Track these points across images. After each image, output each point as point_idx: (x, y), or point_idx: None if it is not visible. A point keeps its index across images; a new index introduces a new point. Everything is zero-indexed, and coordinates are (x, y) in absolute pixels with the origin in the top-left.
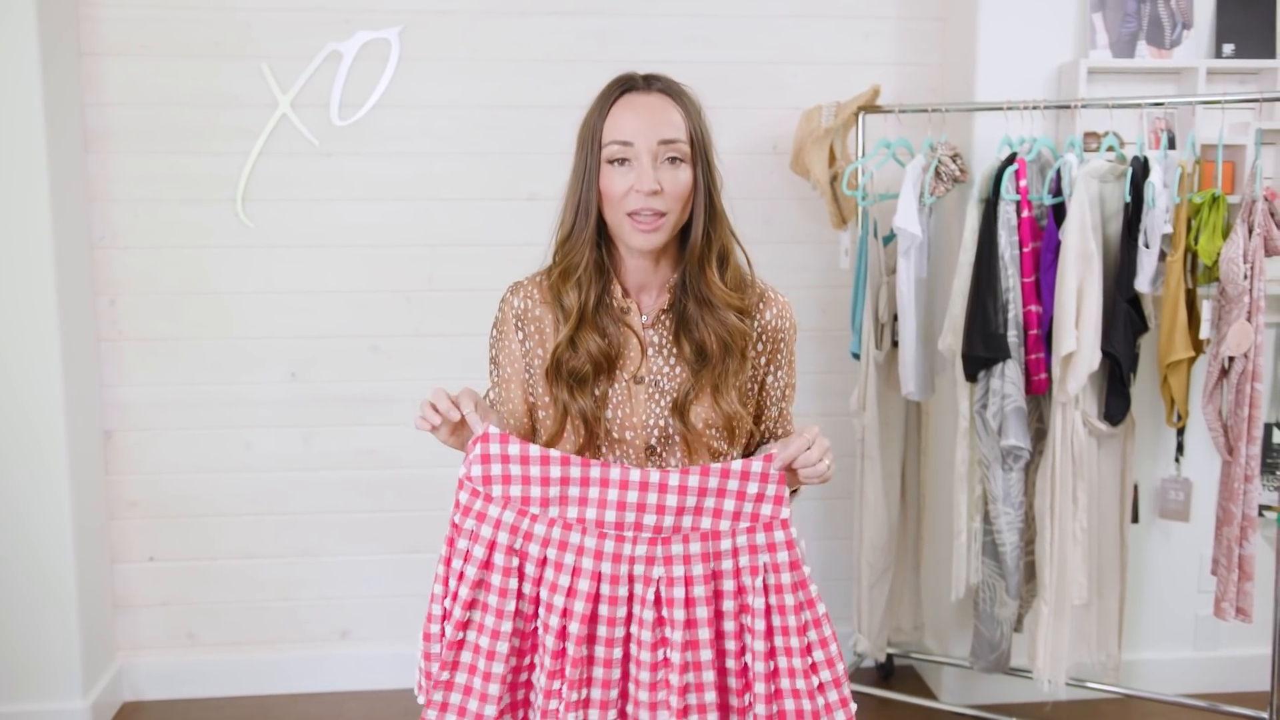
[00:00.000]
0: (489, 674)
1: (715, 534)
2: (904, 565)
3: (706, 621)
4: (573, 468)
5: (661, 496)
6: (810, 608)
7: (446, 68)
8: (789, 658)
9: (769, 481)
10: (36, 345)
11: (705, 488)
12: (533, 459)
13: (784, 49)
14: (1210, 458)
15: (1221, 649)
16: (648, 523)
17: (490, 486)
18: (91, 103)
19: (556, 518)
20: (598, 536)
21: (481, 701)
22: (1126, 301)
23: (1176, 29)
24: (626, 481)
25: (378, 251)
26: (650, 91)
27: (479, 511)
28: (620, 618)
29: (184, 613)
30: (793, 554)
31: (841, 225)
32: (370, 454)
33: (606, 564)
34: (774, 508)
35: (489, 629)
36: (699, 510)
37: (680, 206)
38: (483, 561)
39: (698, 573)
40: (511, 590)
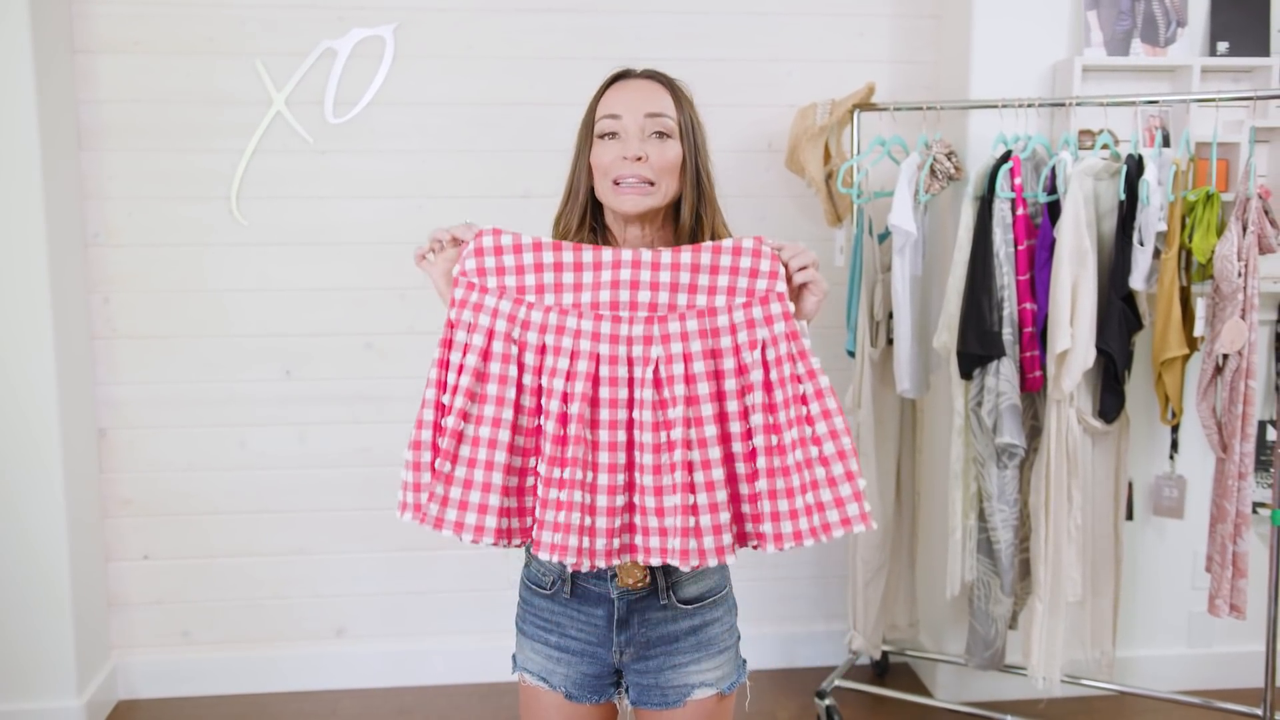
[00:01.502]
0: (491, 463)
1: (712, 310)
2: (899, 563)
3: (709, 398)
4: (565, 252)
5: (654, 274)
6: (811, 378)
7: (441, 65)
8: (790, 430)
9: (761, 256)
10: (30, 343)
11: (698, 264)
12: (525, 247)
13: (779, 46)
14: (1204, 455)
15: (1215, 646)
16: (642, 300)
17: (485, 278)
18: (85, 100)
19: (553, 304)
20: (594, 318)
21: (485, 492)
22: (1121, 299)
23: (1171, 27)
24: (619, 261)
25: (372, 249)
26: (642, 77)
27: (475, 303)
28: (621, 399)
29: (178, 611)
30: (789, 325)
31: (836, 223)
32: (365, 452)
33: (604, 345)
34: (769, 282)
35: (489, 418)
36: (694, 287)
37: (667, 178)
38: (483, 350)
39: (696, 349)
40: (512, 378)
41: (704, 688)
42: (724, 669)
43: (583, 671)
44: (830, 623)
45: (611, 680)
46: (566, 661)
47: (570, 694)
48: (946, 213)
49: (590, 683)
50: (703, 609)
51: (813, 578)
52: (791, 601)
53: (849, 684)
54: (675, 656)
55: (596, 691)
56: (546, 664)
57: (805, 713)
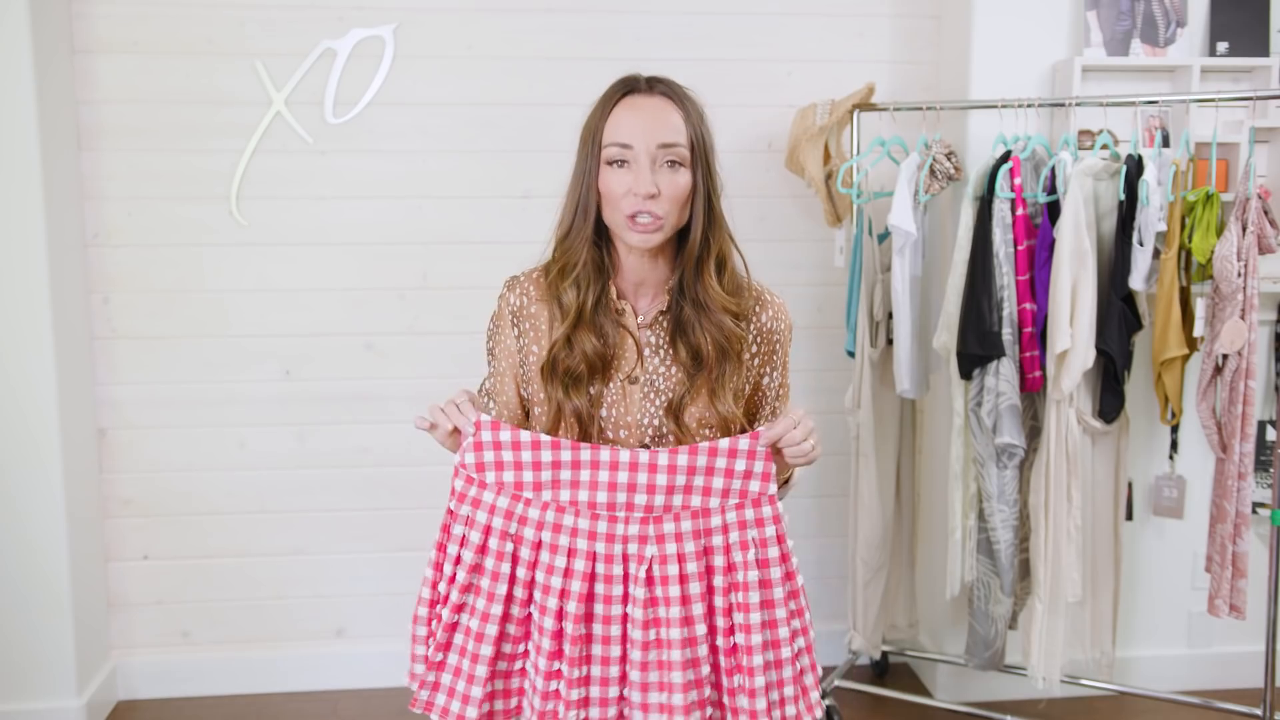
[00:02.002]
0: (477, 656)
1: (705, 511)
2: (899, 563)
3: (699, 597)
4: (563, 451)
5: (651, 476)
6: (791, 580)
7: (441, 65)
8: (774, 629)
9: (756, 458)
10: (30, 344)
11: (694, 466)
12: (523, 444)
13: (778, 47)
14: (1204, 455)
15: (1215, 646)
16: (639, 502)
17: (484, 473)
18: (85, 100)
19: (550, 501)
20: (591, 518)
21: (469, 683)
22: (1121, 299)
23: (1170, 27)
24: (616, 462)
25: (372, 249)
26: (652, 94)
27: (474, 498)
28: (617, 596)
29: (178, 611)
30: (779, 528)
31: (836, 223)
32: (365, 452)
33: (600, 544)
34: (761, 484)
35: (479, 612)
36: (689, 489)
37: (677, 209)
38: (478, 546)
39: (689, 549)
40: (504, 575)
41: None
42: None
43: None
44: (830, 623)
45: None
46: None
47: None
48: (946, 213)
49: None
50: None
51: (812, 578)
52: None
53: (849, 684)
54: None
55: None
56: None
57: None
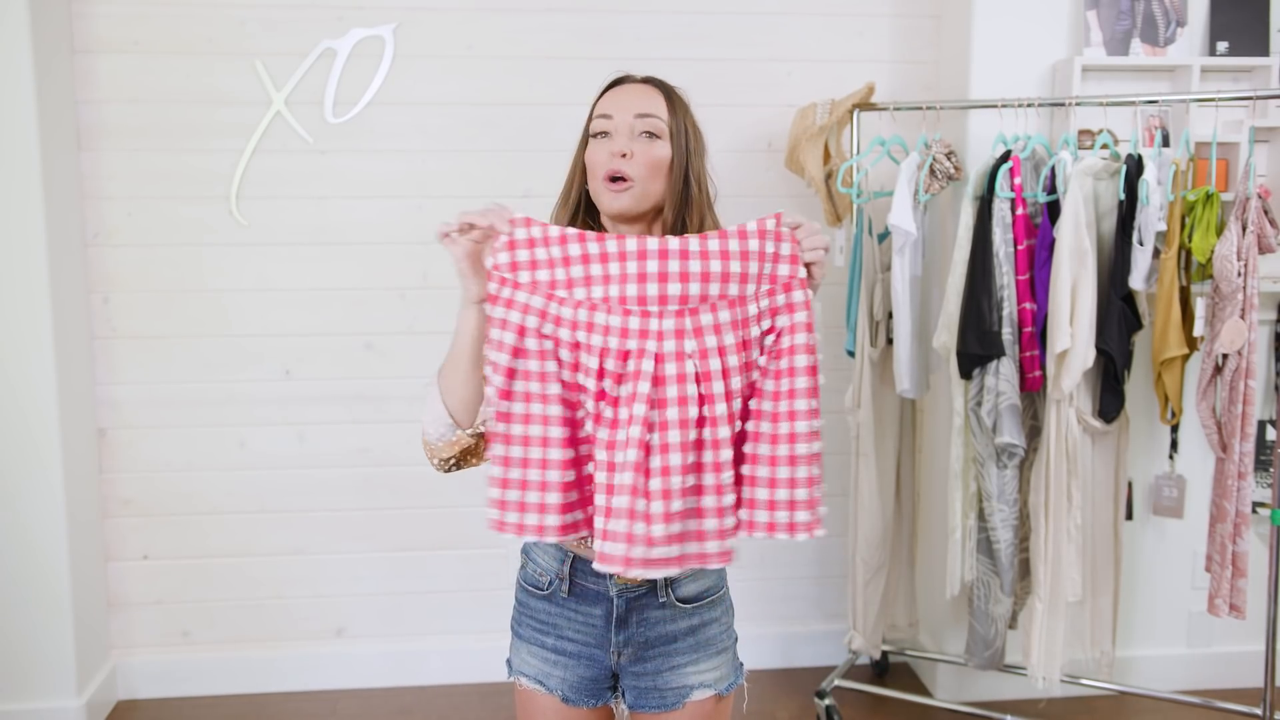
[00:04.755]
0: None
1: (742, 299)
2: (899, 562)
3: (740, 391)
4: (590, 244)
5: (684, 263)
6: (813, 375)
7: (441, 65)
8: (792, 421)
9: (782, 239)
10: (30, 343)
11: (727, 250)
12: (553, 239)
13: (778, 46)
14: (1204, 455)
15: (1215, 645)
16: (673, 293)
17: (517, 273)
18: (85, 100)
19: (583, 299)
20: (623, 314)
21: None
22: (1121, 299)
23: (1170, 27)
24: (645, 251)
25: (372, 249)
26: (639, 82)
27: (507, 299)
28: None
29: (178, 611)
30: (809, 315)
31: (836, 223)
32: (365, 452)
33: (633, 341)
34: (790, 266)
35: (537, 416)
36: (725, 276)
37: (649, 175)
38: (514, 348)
39: (730, 342)
40: (551, 374)
41: (702, 689)
42: (722, 670)
43: (580, 674)
44: (830, 622)
45: (608, 684)
46: (563, 664)
47: (567, 697)
48: (946, 213)
49: (587, 686)
50: (701, 608)
51: (812, 577)
52: (791, 601)
53: (849, 684)
54: (673, 657)
55: (594, 695)
56: (543, 667)
57: (805, 712)
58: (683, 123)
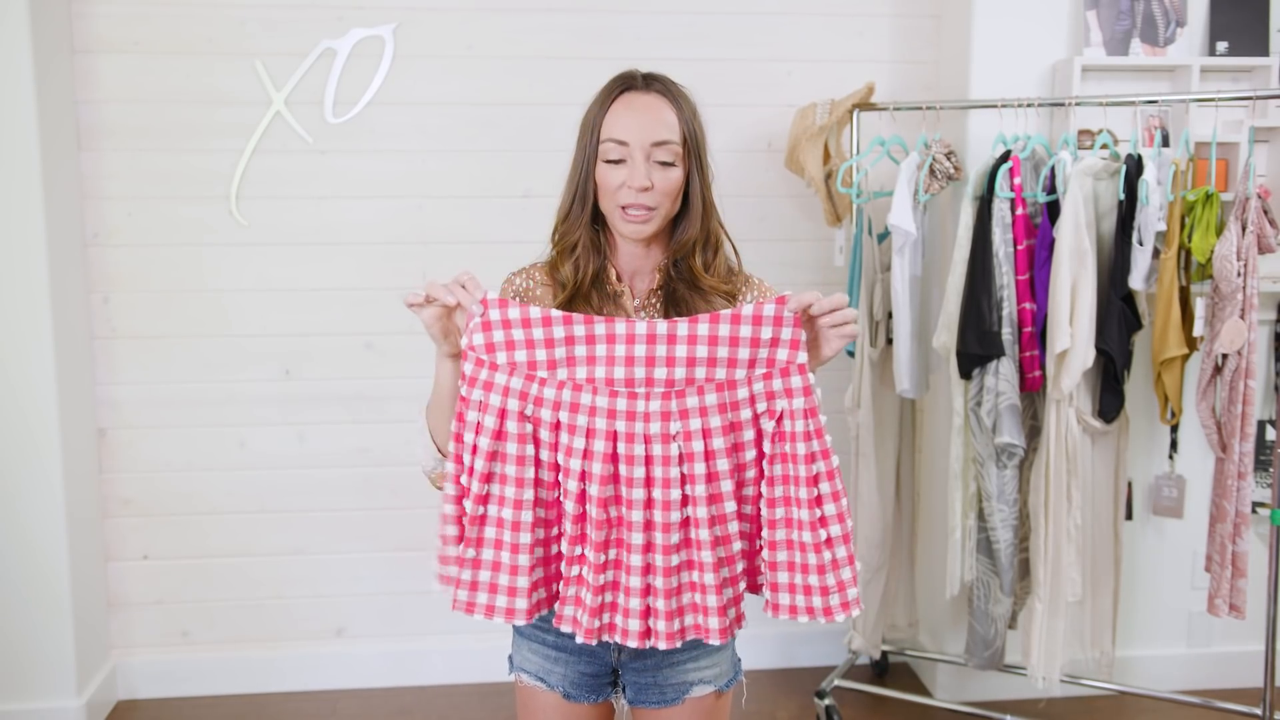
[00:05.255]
0: (516, 545)
1: (731, 383)
2: (898, 562)
3: (728, 473)
4: (576, 326)
5: (671, 348)
6: (825, 458)
7: (440, 65)
8: (799, 509)
9: (783, 325)
10: (30, 343)
11: (716, 335)
12: (534, 321)
13: (778, 46)
14: (1204, 455)
15: (1215, 645)
16: (659, 376)
17: (494, 354)
18: (85, 100)
19: (566, 379)
20: (609, 395)
21: (512, 575)
22: (1120, 299)
23: (1170, 27)
24: (633, 335)
25: (372, 249)
26: (648, 91)
27: (485, 381)
28: (638, 478)
29: (178, 611)
30: (809, 401)
31: (836, 223)
32: (365, 452)
33: (621, 422)
34: (790, 352)
35: (510, 500)
36: (712, 361)
37: (669, 201)
38: (495, 432)
39: (715, 424)
40: (529, 457)
41: (702, 685)
42: (721, 666)
43: (580, 671)
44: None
45: (609, 680)
46: (564, 661)
47: (568, 694)
48: (946, 213)
49: (588, 682)
50: None
51: None
52: None
53: (848, 684)
54: (673, 654)
55: (594, 691)
56: (544, 664)
57: (805, 712)
58: (693, 130)
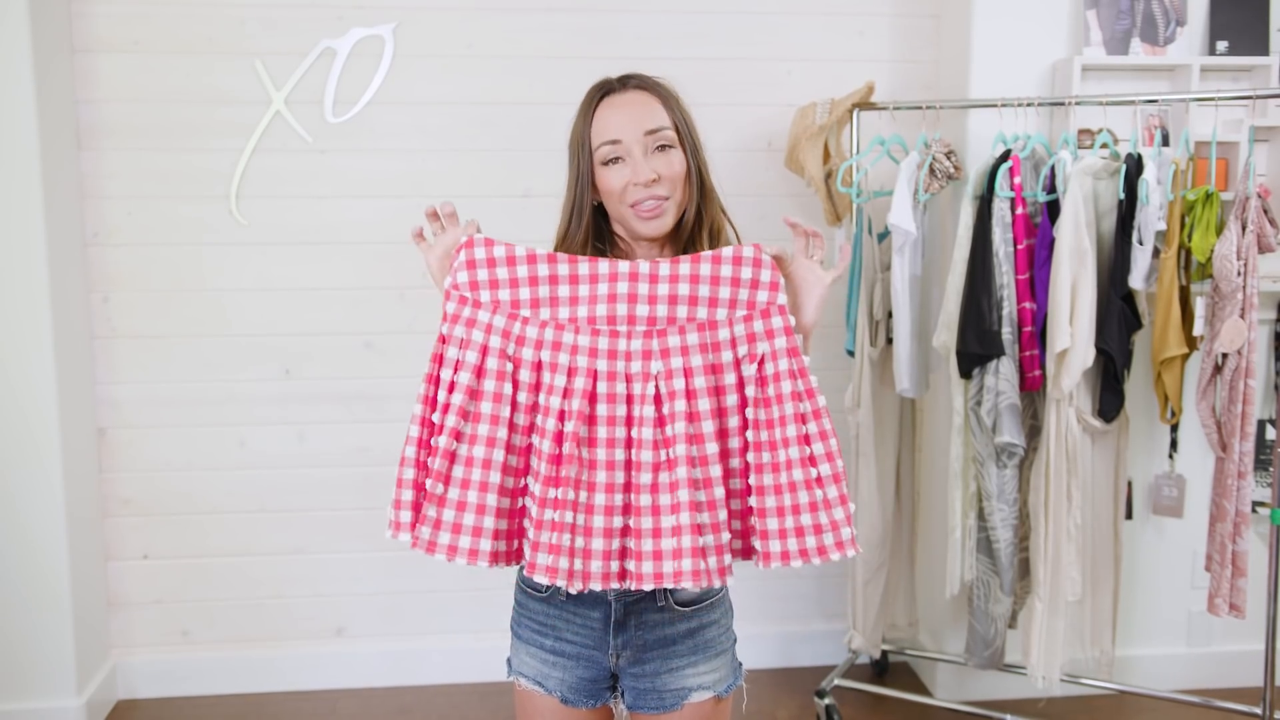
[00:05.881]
0: (485, 483)
1: (712, 324)
2: (898, 562)
3: (710, 414)
4: (560, 265)
5: (653, 286)
6: (810, 398)
7: (440, 64)
8: (786, 449)
9: (762, 266)
10: (30, 343)
11: (697, 274)
12: (519, 259)
13: (778, 45)
14: (1204, 454)
15: (1215, 645)
16: (640, 314)
17: (478, 292)
18: (84, 99)
19: (548, 319)
20: (591, 334)
21: (479, 514)
22: (1120, 298)
23: (1170, 26)
24: (615, 273)
25: (372, 248)
26: (627, 90)
27: (468, 318)
28: (620, 417)
29: (178, 610)
30: (790, 341)
31: (836, 222)
32: (365, 451)
33: (602, 361)
34: (769, 293)
35: (484, 438)
36: (693, 299)
37: (679, 188)
38: (476, 367)
39: (697, 364)
40: (506, 396)
41: (701, 690)
42: (721, 671)
43: (579, 675)
44: (830, 622)
45: (608, 684)
46: (562, 665)
47: (566, 698)
48: (946, 212)
49: (586, 687)
50: (700, 611)
51: (812, 577)
52: (791, 601)
53: (848, 683)
54: (672, 659)
55: (593, 695)
56: (542, 668)
57: (805, 712)
58: (682, 118)
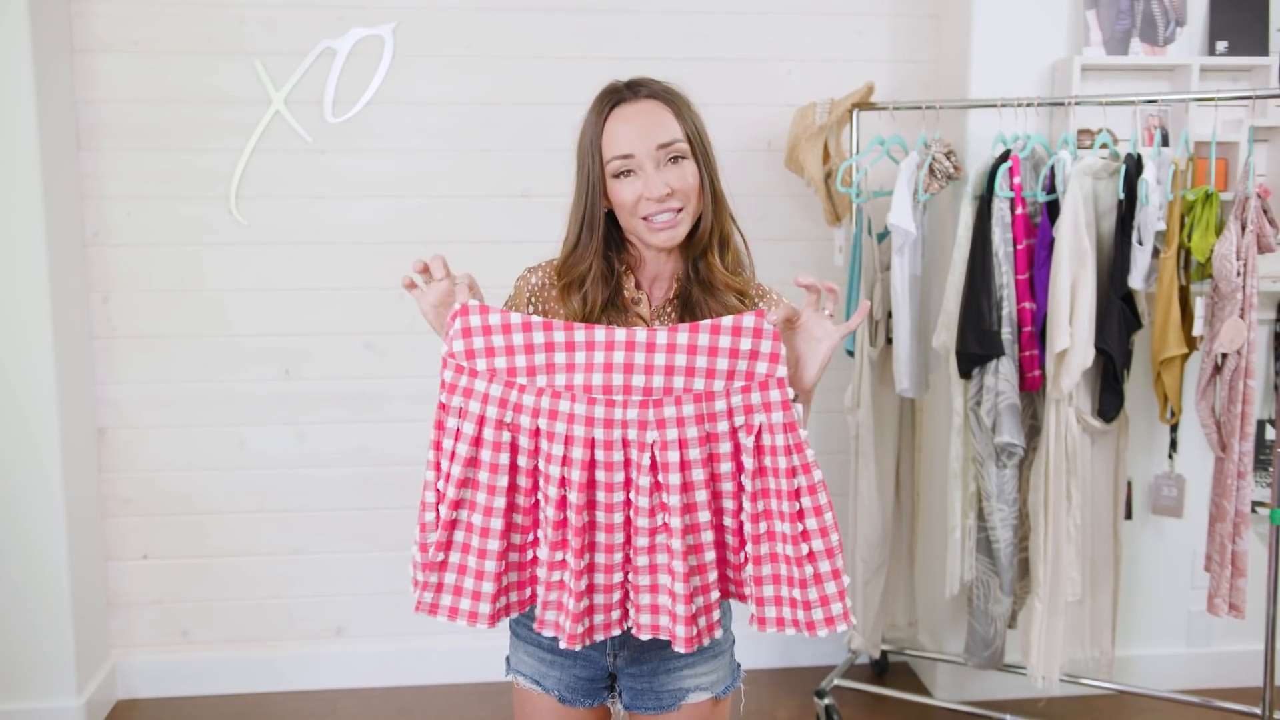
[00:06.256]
0: (484, 551)
1: (709, 395)
2: (898, 562)
3: (704, 483)
4: (556, 332)
5: (650, 356)
6: (806, 473)
7: (440, 64)
8: (781, 521)
9: (763, 337)
10: (30, 343)
11: (695, 345)
12: (514, 327)
13: (778, 46)
14: (1203, 454)
15: (1214, 645)
16: (637, 384)
17: (474, 361)
18: (84, 100)
19: (545, 386)
20: (588, 402)
21: (478, 579)
22: (1120, 298)
23: (1170, 26)
24: (613, 343)
25: (371, 248)
26: (639, 99)
27: (465, 387)
28: (618, 483)
29: (178, 610)
30: (788, 415)
31: (836, 222)
32: (364, 451)
33: (599, 429)
34: (769, 365)
35: (482, 506)
36: (690, 370)
37: (694, 200)
38: (473, 438)
39: (692, 435)
40: (503, 465)
41: (699, 692)
42: (719, 673)
43: (576, 675)
44: None
45: (605, 684)
46: (560, 665)
47: (564, 698)
48: (946, 212)
49: (584, 686)
50: None
51: None
52: None
53: (848, 683)
54: (670, 660)
55: (590, 695)
56: (540, 667)
57: (804, 712)
58: (694, 126)
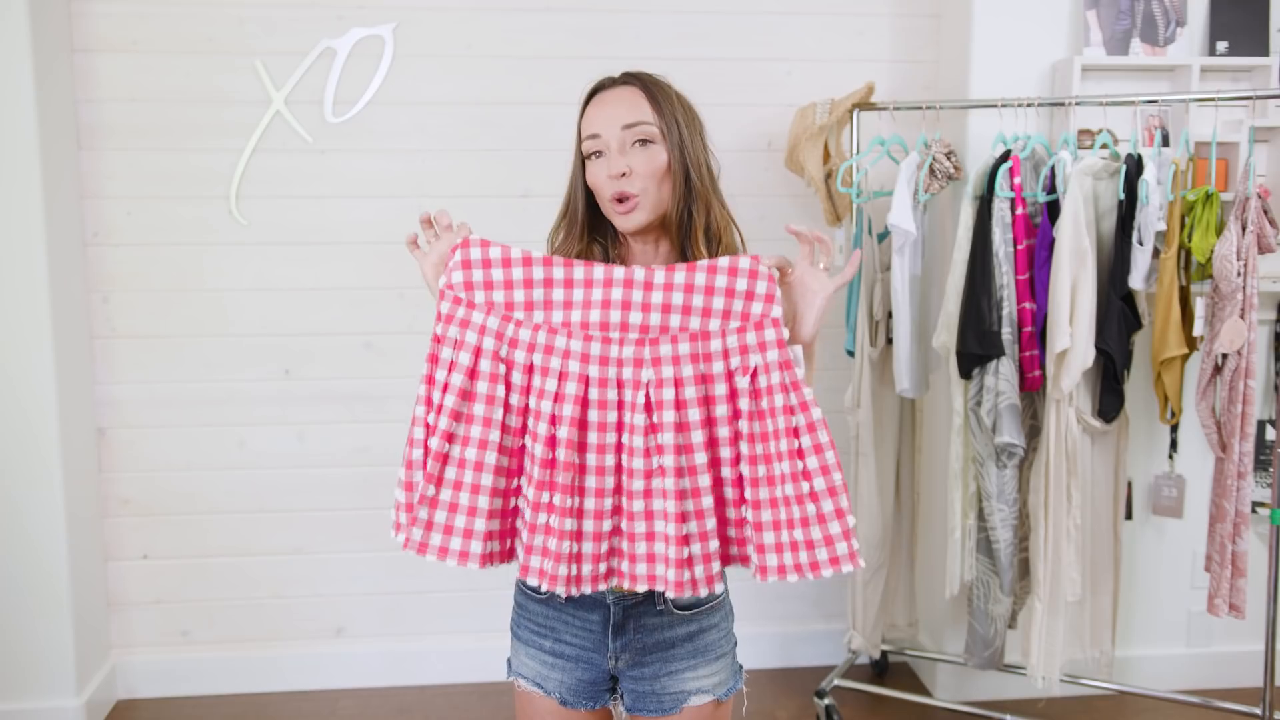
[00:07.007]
0: (478, 486)
1: (705, 334)
2: (898, 562)
3: (700, 424)
4: (555, 268)
5: (647, 294)
6: (804, 410)
7: (440, 64)
8: (779, 463)
9: (758, 278)
10: (30, 343)
11: (692, 284)
12: (514, 260)
13: (778, 46)
14: (1203, 455)
15: (1214, 645)
16: (634, 322)
17: (473, 293)
18: (84, 99)
19: (541, 322)
20: (584, 339)
21: (470, 516)
22: (1120, 298)
23: (1170, 26)
24: (610, 279)
25: (372, 248)
26: (616, 86)
27: (462, 319)
28: (611, 423)
29: (177, 610)
30: (783, 354)
31: (836, 222)
32: (364, 451)
33: (594, 367)
34: (764, 305)
35: (476, 440)
36: (687, 309)
37: (654, 185)
38: (469, 369)
39: (687, 374)
40: (499, 398)
41: (700, 694)
42: (720, 675)
43: (578, 677)
44: (829, 622)
45: (607, 686)
46: (561, 667)
47: (565, 700)
48: (946, 212)
49: (585, 689)
50: (700, 615)
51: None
52: (790, 601)
53: (848, 683)
54: (672, 663)
55: (591, 698)
56: (541, 669)
57: (804, 712)
58: (671, 115)
